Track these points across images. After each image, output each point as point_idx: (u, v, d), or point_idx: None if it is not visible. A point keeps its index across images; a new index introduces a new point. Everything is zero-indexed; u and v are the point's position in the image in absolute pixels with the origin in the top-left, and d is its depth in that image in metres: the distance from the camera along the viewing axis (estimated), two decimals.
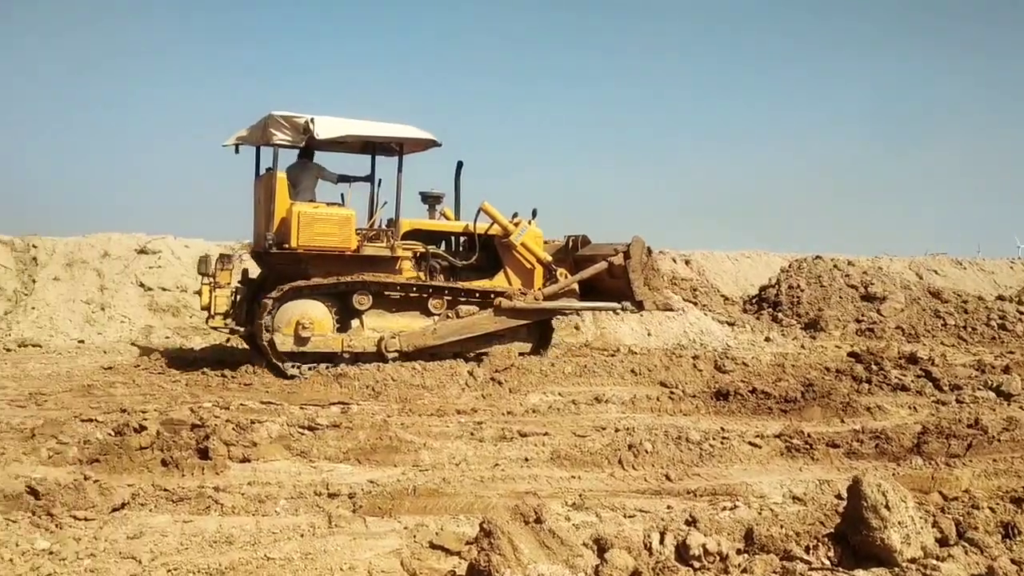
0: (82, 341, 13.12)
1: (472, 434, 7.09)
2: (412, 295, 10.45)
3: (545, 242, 11.45)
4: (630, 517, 5.10)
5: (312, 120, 9.70)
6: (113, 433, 6.43)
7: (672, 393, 8.89)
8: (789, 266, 19.32)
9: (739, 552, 3.74)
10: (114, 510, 4.76)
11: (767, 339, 14.75)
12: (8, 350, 11.96)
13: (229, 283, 10.39)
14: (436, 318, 10.46)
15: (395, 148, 10.70)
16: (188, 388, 8.87)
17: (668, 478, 5.91)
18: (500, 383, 9.28)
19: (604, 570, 3.27)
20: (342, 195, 10.83)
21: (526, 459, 6.38)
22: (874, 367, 10.17)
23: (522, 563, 3.09)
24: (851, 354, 11.79)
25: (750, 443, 6.73)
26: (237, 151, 10.71)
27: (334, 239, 9.93)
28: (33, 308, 14.01)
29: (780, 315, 16.90)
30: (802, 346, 14.34)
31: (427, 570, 4.08)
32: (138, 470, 5.67)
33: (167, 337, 13.67)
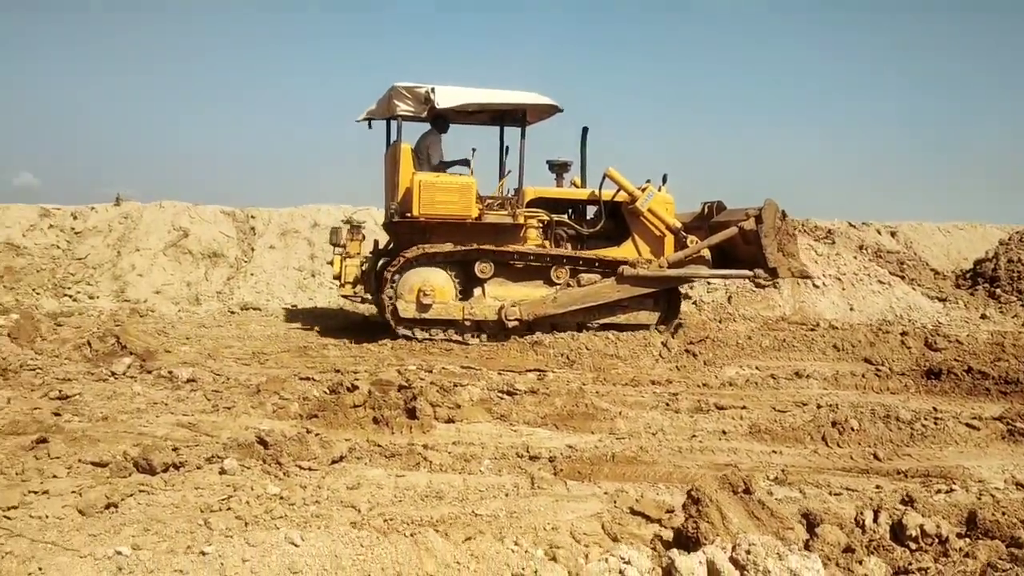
0: (295, 306, 14.04)
1: (667, 405, 7.07)
2: (535, 264, 10.36)
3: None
4: (836, 495, 4.93)
5: (433, 90, 9.80)
6: (328, 391, 6.89)
7: (878, 370, 8.50)
8: (1009, 238, 17.84)
9: (959, 536, 3.56)
10: (333, 462, 5.09)
11: (983, 316, 13.77)
12: (232, 312, 12.97)
13: (359, 252, 10.75)
14: (558, 287, 10.35)
15: (518, 116, 10.60)
16: (393, 351, 9.32)
17: (876, 457, 5.67)
18: (694, 355, 9.18)
19: (815, 544, 3.20)
20: (469, 164, 10.82)
21: (723, 432, 6.30)
22: None
23: (730, 532, 3.08)
24: None
25: (967, 425, 6.34)
26: (370, 126, 10.98)
27: (455, 207, 9.99)
28: (252, 274, 15.12)
29: (998, 291, 15.67)
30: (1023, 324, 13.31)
31: (628, 535, 4.12)
32: (352, 426, 6.04)
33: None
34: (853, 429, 6.12)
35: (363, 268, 10.76)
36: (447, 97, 9.90)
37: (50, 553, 3.00)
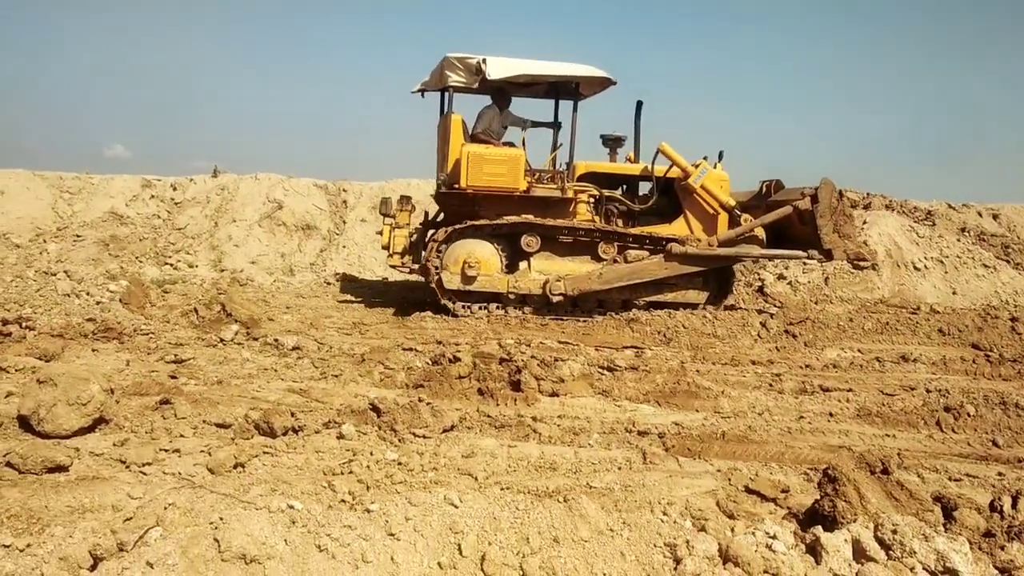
0: (386, 278, 14.23)
1: (771, 385, 6.98)
2: (583, 239, 10.19)
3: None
4: (956, 480, 4.81)
5: (484, 60, 9.64)
6: (431, 362, 6.97)
7: (988, 356, 8.23)
8: None
9: None
10: (445, 431, 5.17)
11: None
12: (328, 283, 13.22)
13: (408, 223, 10.69)
14: (604, 263, 10.17)
15: (571, 88, 10.39)
16: (490, 325, 9.38)
17: (995, 444, 5.51)
18: (794, 336, 9.02)
19: (953, 528, 3.12)
20: (523, 139, 10.67)
21: (831, 414, 6.19)
22: None
23: (869, 512, 3.03)
24: None
25: None
26: (423, 96, 10.84)
27: (503, 179, 9.86)
28: (344, 247, 15.36)
29: None
30: None
31: (744, 513, 4.08)
32: (458, 397, 6.12)
33: None
34: (969, 415, 5.95)
35: (412, 239, 10.77)
36: (499, 68, 9.73)
37: (227, 505, 3.13)
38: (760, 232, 10.41)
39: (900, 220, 14.51)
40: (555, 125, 11.12)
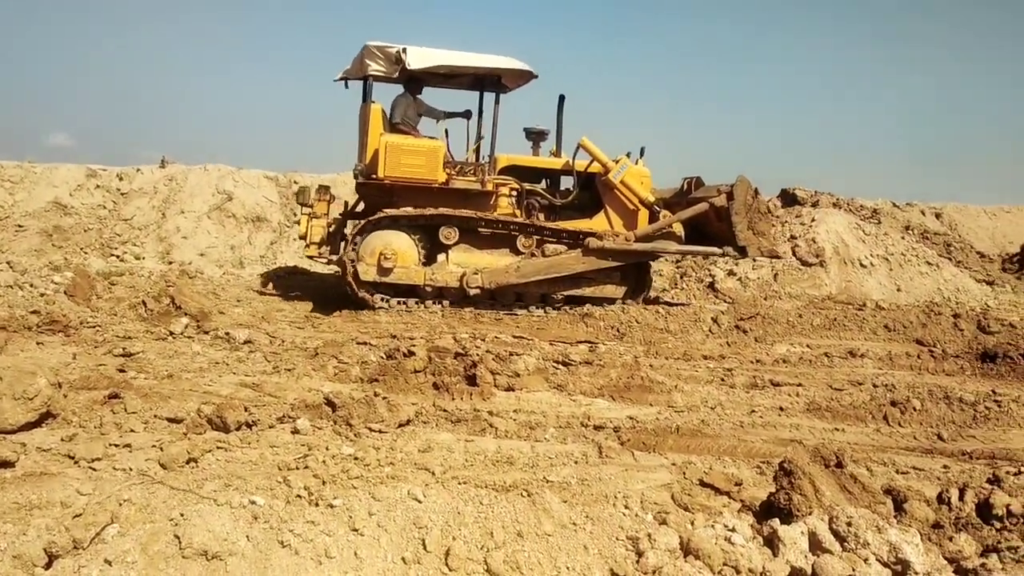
0: (338, 271, 14.10)
1: (723, 380, 7.08)
2: (503, 232, 10.16)
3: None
4: (903, 473, 4.93)
5: (404, 50, 9.60)
6: (386, 356, 6.93)
7: (932, 351, 8.43)
8: None
9: None
10: (400, 425, 5.14)
11: None
12: (279, 276, 13.06)
13: (326, 213, 10.58)
14: (522, 256, 10.13)
15: (494, 81, 10.34)
16: (444, 319, 9.36)
17: (940, 438, 5.65)
18: (745, 331, 9.14)
19: (904, 520, 3.20)
20: (445, 131, 10.65)
21: (781, 408, 6.31)
22: None
23: (823, 505, 3.09)
24: None
25: None
26: (347, 86, 10.70)
27: (421, 170, 9.79)
28: (294, 239, 15.18)
29: None
30: None
31: (698, 506, 4.13)
32: (413, 391, 6.10)
33: None
34: (915, 409, 6.10)
35: (330, 230, 10.63)
36: (419, 58, 9.66)
37: (186, 501, 3.07)
38: (678, 228, 10.46)
39: (847, 218, 14.78)
40: (466, 115, 10.89)
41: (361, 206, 11.08)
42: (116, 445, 4.44)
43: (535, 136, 10.98)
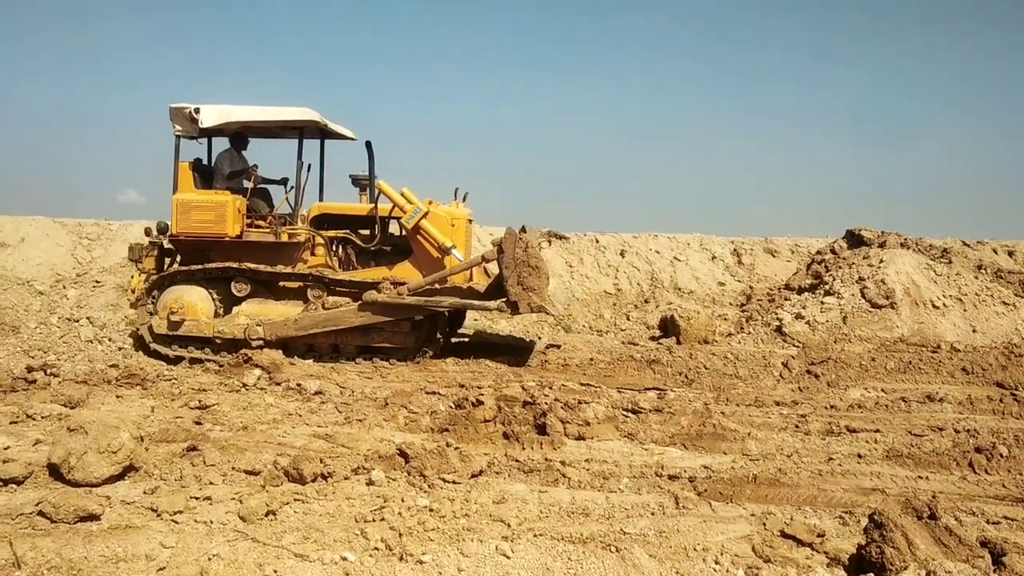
0: None
1: (797, 427, 6.93)
2: (294, 285, 10.09)
3: None
4: (994, 523, 4.75)
5: (197, 109, 9.74)
6: (455, 406, 6.96)
7: (1015, 395, 8.16)
8: None
9: None
10: (473, 475, 5.13)
11: None
12: None
13: (152, 269, 10.53)
14: (307, 308, 9.94)
15: (296, 132, 10.29)
16: (511, 368, 9.36)
17: None
18: (817, 376, 8.97)
19: (1004, 574, 3.08)
20: (285, 182, 10.62)
21: (859, 455, 6.14)
22: None
23: (918, 558, 2.99)
24: None
25: None
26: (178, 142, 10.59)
27: (210, 226, 9.83)
28: None
29: None
30: None
31: (780, 558, 4.03)
32: (483, 441, 6.09)
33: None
34: (1001, 456, 5.89)
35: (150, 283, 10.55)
36: (211, 116, 9.84)
37: (270, 555, 3.10)
38: (481, 280, 10.22)
39: (916, 258, 14.44)
40: (283, 182, 10.83)
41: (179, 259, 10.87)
42: (196, 498, 4.51)
43: (361, 182, 10.84)
